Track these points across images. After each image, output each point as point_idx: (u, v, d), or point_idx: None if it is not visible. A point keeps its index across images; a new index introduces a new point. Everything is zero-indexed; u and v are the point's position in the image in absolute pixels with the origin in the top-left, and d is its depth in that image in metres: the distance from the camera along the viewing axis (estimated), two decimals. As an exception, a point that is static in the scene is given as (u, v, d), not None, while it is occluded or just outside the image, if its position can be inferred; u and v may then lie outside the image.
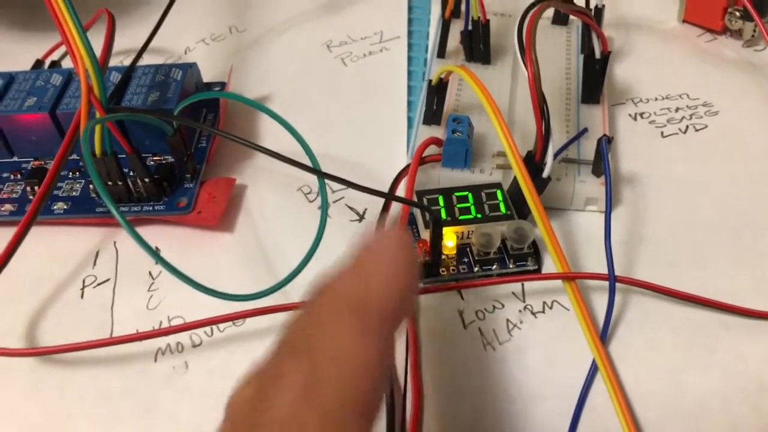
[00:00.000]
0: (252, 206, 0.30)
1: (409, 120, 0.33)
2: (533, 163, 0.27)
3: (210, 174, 0.30)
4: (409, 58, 0.38)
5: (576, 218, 0.29)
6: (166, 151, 0.30)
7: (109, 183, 0.28)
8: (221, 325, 0.26)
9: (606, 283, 0.26)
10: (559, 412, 0.25)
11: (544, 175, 0.27)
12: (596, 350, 0.24)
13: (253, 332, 0.26)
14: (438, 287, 0.26)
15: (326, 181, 0.24)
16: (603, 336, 0.25)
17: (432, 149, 0.29)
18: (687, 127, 0.33)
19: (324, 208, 0.23)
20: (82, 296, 0.27)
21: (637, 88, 0.35)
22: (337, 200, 0.30)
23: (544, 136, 0.26)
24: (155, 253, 0.22)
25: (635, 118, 0.34)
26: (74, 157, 0.30)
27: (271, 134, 0.33)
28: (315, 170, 0.23)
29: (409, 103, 0.34)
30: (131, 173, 0.28)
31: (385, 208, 0.28)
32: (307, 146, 0.24)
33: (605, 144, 0.27)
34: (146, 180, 0.28)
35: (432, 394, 0.25)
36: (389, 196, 0.27)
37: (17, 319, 0.26)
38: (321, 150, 0.27)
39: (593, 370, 0.24)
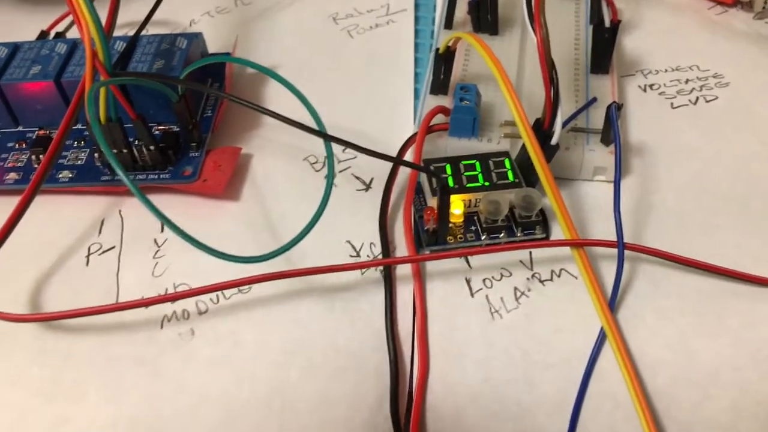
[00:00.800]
0: (257, 175, 0.29)
1: (416, 91, 0.33)
2: (541, 130, 0.26)
3: (215, 143, 0.30)
4: (416, 31, 0.37)
5: (584, 188, 0.29)
6: (170, 120, 0.30)
7: (114, 151, 0.28)
8: (227, 293, 0.26)
9: (614, 252, 0.25)
10: (566, 380, 0.24)
11: (553, 142, 0.26)
12: (604, 318, 0.24)
13: (258, 300, 0.26)
14: (445, 254, 0.25)
15: (333, 150, 0.24)
16: (611, 304, 0.25)
17: (439, 118, 0.29)
18: (697, 98, 0.33)
19: (330, 172, 0.23)
20: (87, 263, 0.27)
21: (647, 60, 0.35)
22: (343, 170, 0.30)
23: (552, 103, 0.26)
24: (164, 217, 0.21)
25: (645, 90, 0.33)
26: (79, 126, 0.30)
27: (276, 103, 0.32)
28: (321, 133, 0.23)
29: (416, 75, 0.34)
30: (136, 141, 0.28)
31: (392, 176, 0.27)
32: (314, 110, 0.24)
33: (614, 110, 0.27)
34: (151, 148, 0.28)
35: (438, 362, 0.25)
36: (397, 161, 0.26)
37: (22, 287, 0.26)
38: (326, 121, 0.26)
39: (601, 337, 0.24)
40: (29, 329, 0.25)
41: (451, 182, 0.27)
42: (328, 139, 0.23)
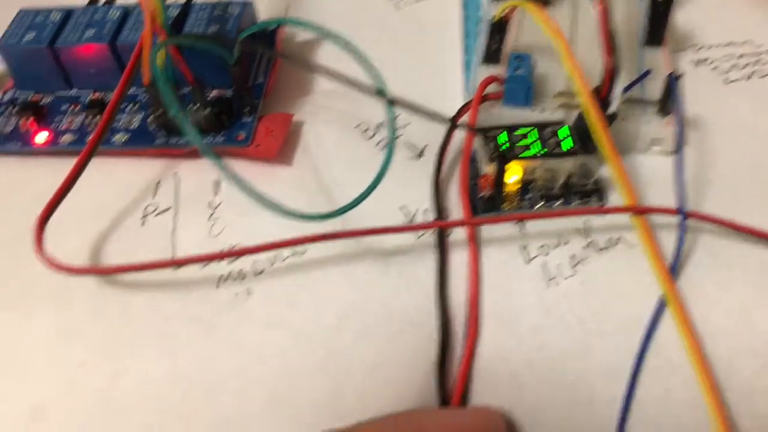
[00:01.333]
0: (310, 142, 0.29)
1: (466, 63, 0.33)
2: (599, 99, 0.26)
3: (267, 110, 0.30)
4: (464, 2, 0.37)
5: (640, 160, 0.28)
6: (223, 85, 0.30)
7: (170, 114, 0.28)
8: (283, 254, 0.26)
9: (674, 221, 0.25)
10: (623, 348, 0.24)
11: (611, 110, 0.26)
12: (666, 285, 0.24)
13: (314, 262, 0.26)
14: (501, 218, 0.25)
15: (383, 120, 0.23)
16: (672, 272, 0.24)
17: (492, 88, 0.29)
18: (752, 73, 0.32)
19: (392, 134, 0.23)
20: (143, 224, 0.27)
21: (699, 35, 0.34)
22: (396, 137, 0.30)
23: (612, 70, 0.25)
24: (232, 175, 0.21)
25: (697, 65, 0.33)
26: (132, 91, 0.30)
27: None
28: (383, 94, 0.23)
29: (466, 47, 0.34)
30: (191, 105, 0.28)
31: (447, 141, 0.27)
32: (377, 71, 0.24)
33: (674, 79, 0.26)
34: (206, 111, 0.28)
35: (493, 329, 0.25)
36: (456, 124, 0.26)
37: (80, 245, 0.26)
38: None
39: (660, 306, 0.24)
40: (87, 285, 0.25)
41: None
42: (390, 101, 0.23)
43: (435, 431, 0.19)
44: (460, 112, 0.28)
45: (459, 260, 0.26)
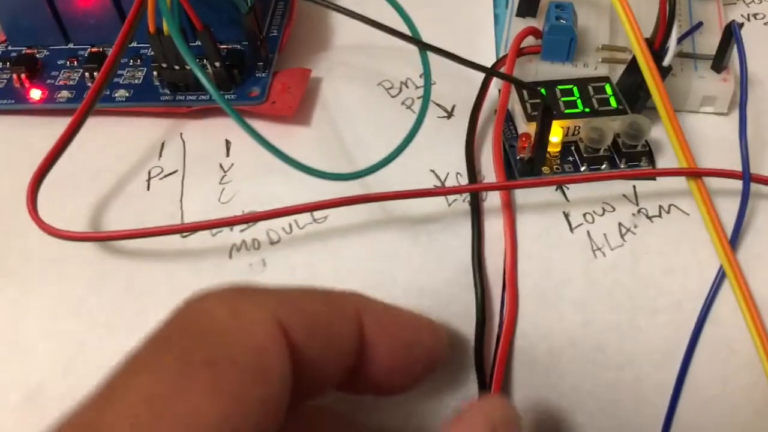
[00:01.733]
0: (329, 100, 0.27)
1: (496, 17, 0.30)
2: (651, 51, 0.24)
3: (282, 65, 0.27)
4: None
5: (690, 120, 0.26)
6: (234, 38, 0.27)
7: (176, 67, 0.25)
8: (300, 222, 0.23)
9: (733, 186, 0.23)
10: (676, 326, 0.22)
11: (665, 63, 0.24)
12: (725, 257, 0.21)
13: (335, 230, 0.23)
14: (542, 180, 0.23)
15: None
16: (732, 242, 0.22)
17: (528, 42, 0.26)
18: (808, 28, 0.30)
19: (428, 84, 0.21)
20: (148, 188, 0.24)
21: (749, -12, 0.32)
22: (421, 96, 0.27)
23: (667, 19, 0.23)
24: (257, 134, 0.19)
25: (748, 19, 0.30)
26: (134, 44, 0.28)
27: (347, 24, 0.30)
28: (417, 41, 0.20)
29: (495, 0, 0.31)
30: (198, 59, 0.25)
31: (481, 98, 0.25)
32: (407, 17, 0.21)
33: (737, 28, 0.24)
34: (217, 65, 0.25)
35: (533, 303, 0.22)
36: (500, 74, 0.24)
37: (79, 210, 0.24)
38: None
39: (719, 278, 0.22)
40: (89, 253, 0.23)
41: (547, 107, 0.24)
42: (424, 47, 0.20)
43: (375, 318, 0.17)
44: (495, 66, 0.26)
45: (494, 228, 0.23)
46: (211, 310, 0.15)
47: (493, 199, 0.24)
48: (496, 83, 0.27)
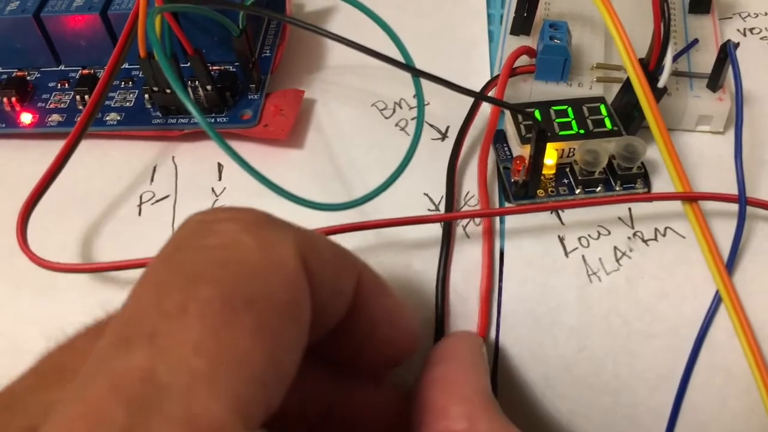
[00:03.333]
0: (323, 122, 0.27)
1: (490, 34, 0.30)
2: (646, 72, 0.23)
3: (275, 86, 0.27)
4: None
5: (685, 139, 0.26)
6: (226, 60, 0.27)
7: (167, 90, 0.25)
8: (293, 247, 0.23)
9: (728, 209, 0.23)
10: (673, 351, 0.22)
11: (660, 84, 0.23)
12: (721, 281, 0.21)
13: (328, 256, 0.23)
14: (535, 207, 0.23)
15: (421, 86, 0.21)
16: (728, 266, 0.22)
17: (522, 61, 0.26)
18: (804, 43, 0.29)
19: (421, 109, 0.20)
20: (139, 213, 0.24)
21: (744, 2, 0.31)
22: (415, 117, 0.27)
23: (662, 39, 0.23)
24: (246, 163, 0.19)
25: (744, 34, 0.30)
26: (125, 66, 0.28)
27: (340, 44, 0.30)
28: (410, 68, 0.20)
29: (489, 16, 0.31)
30: (190, 81, 0.25)
31: (469, 120, 0.24)
32: (400, 42, 0.21)
33: (732, 48, 0.24)
34: (208, 88, 0.25)
35: (527, 328, 0.22)
36: (492, 100, 0.23)
37: (69, 237, 0.24)
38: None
39: (715, 303, 0.22)
40: (79, 283, 0.22)
41: (541, 129, 0.24)
42: (417, 74, 0.20)
43: (370, 280, 0.17)
44: (486, 87, 0.26)
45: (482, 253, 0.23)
46: (238, 239, 0.14)
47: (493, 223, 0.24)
48: (490, 99, 0.27)
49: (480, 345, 0.20)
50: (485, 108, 0.26)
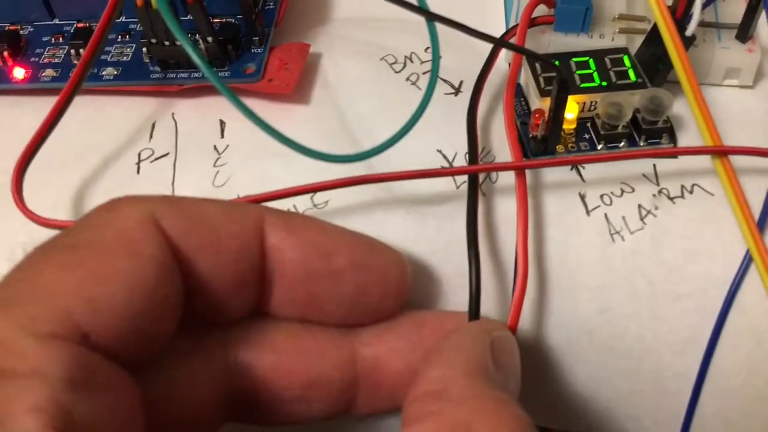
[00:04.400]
0: (329, 76, 0.25)
1: (504, -16, 0.29)
2: (674, 20, 0.22)
3: (279, 40, 0.26)
4: None
5: (712, 94, 0.24)
6: (228, 12, 0.26)
7: (166, 43, 0.24)
8: (300, 206, 0.22)
9: (760, 164, 0.21)
10: (700, 313, 0.21)
11: (688, 32, 0.22)
12: (752, 239, 0.20)
13: (337, 214, 0.22)
14: (553, 161, 0.21)
15: (437, 31, 0.19)
16: (760, 224, 0.21)
17: (541, 10, 0.25)
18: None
19: (436, 60, 0.19)
20: (138, 171, 0.23)
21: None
22: (427, 71, 0.25)
23: (692, -17, 0.21)
24: (254, 115, 0.17)
25: (772, -14, 0.29)
26: (122, 19, 0.26)
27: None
28: (426, 11, 0.19)
29: (503, -34, 0.30)
30: (190, 34, 0.24)
31: (486, 69, 0.23)
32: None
33: (766, -6, 0.22)
34: (209, 40, 0.24)
35: (547, 290, 0.21)
36: (506, 44, 0.22)
37: (64, 195, 0.23)
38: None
39: (746, 263, 0.21)
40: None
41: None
42: (431, 17, 0.19)
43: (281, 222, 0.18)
44: (504, 37, 0.24)
45: (507, 210, 0.22)
46: (94, 209, 0.17)
47: (504, 179, 0.22)
48: (506, 56, 0.25)
49: (485, 327, 0.19)
50: (500, 63, 0.25)
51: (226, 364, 0.18)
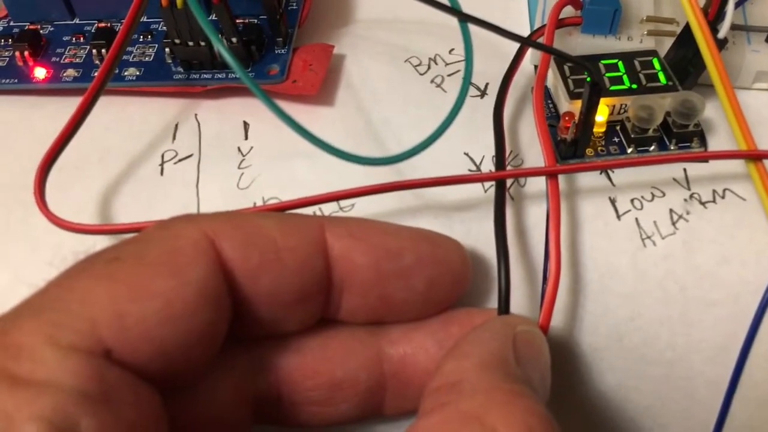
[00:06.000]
0: (353, 78, 0.25)
1: (528, -14, 0.28)
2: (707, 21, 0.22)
3: (302, 41, 0.26)
4: None
5: (741, 96, 0.24)
6: (251, 12, 0.26)
7: (190, 43, 0.23)
8: (326, 209, 0.22)
9: (794, 169, 0.21)
10: (732, 320, 0.21)
11: (721, 35, 0.22)
12: (788, 246, 0.20)
13: (362, 215, 0.22)
14: (583, 166, 0.21)
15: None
16: (795, 230, 0.20)
17: (567, 11, 0.24)
18: None
19: (469, 62, 0.19)
20: (161, 173, 0.23)
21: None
22: (452, 73, 0.25)
23: (725, -15, 0.21)
24: (291, 120, 0.17)
25: (799, -12, 0.28)
26: (144, 19, 0.26)
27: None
28: (458, 12, 0.18)
29: (527, -33, 0.29)
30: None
31: (511, 71, 0.23)
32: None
33: (799, -3, 0.22)
34: (233, 40, 0.23)
35: (574, 297, 0.21)
36: (537, 45, 0.22)
37: (88, 197, 0.22)
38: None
39: (780, 270, 0.20)
40: (99, 245, 0.21)
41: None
42: (464, 18, 0.18)
43: (343, 229, 0.18)
44: (531, 38, 0.24)
45: (535, 215, 0.22)
46: (148, 228, 0.16)
47: (533, 183, 0.22)
48: (531, 58, 0.25)
49: (509, 321, 0.18)
50: (525, 65, 0.24)
51: (251, 367, 0.18)
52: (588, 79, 0.20)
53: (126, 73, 0.25)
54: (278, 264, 0.16)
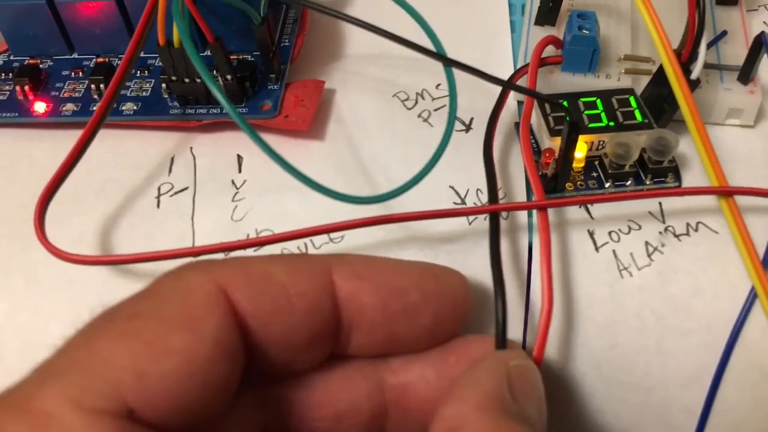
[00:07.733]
0: (343, 113, 0.26)
1: (512, 24, 0.30)
2: (679, 63, 0.23)
3: (294, 77, 0.27)
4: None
5: (715, 132, 0.25)
6: (244, 49, 0.26)
7: (186, 80, 0.24)
8: (317, 241, 0.23)
9: (763, 203, 0.22)
10: (705, 349, 0.21)
11: (693, 76, 0.23)
12: (757, 277, 0.21)
13: (352, 250, 0.22)
14: (563, 201, 0.22)
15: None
16: (764, 263, 0.21)
17: (548, 51, 0.26)
18: (833, 36, 0.29)
19: (453, 102, 0.20)
20: (158, 205, 0.24)
21: (770, -6, 0.31)
22: (438, 108, 0.26)
23: (696, 30, 0.22)
24: (276, 155, 0.18)
25: (771, 26, 0.29)
26: (141, 54, 0.27)
27: (359, 32, 0.29)
28: (442, 57, 0.19)
29: (511, 6, 0.30)
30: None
31: (498, 108, 0.24)
32: (431, 30, 0.20)
33: (767, 39, 0.23)
34: (228, 77, 0.24)
35: (557, 324, 0.22)
36: (520, 89, 0.23)
37: (86, 229, 0.23)
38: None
39: (750, 300, 0.21)
40: (97, 276, 0.22)
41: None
42: (448, 63, 0.19)
43: (350, 269, 0.18)
44: (514, 77, 0.25)
45: (517, 245, 0.23)
46: (160, 278, 0.17)
47: (516, 216, 0.23)
48: (515, 95, 0.26)
49: (501, 357, 0.19)
50: (508, 100, 0.25)
51: (259, 402, 0.18)
52: (567, 118, 0.21)
53: (124, 108, 0.25)
54: (289, 310, 0.17)
